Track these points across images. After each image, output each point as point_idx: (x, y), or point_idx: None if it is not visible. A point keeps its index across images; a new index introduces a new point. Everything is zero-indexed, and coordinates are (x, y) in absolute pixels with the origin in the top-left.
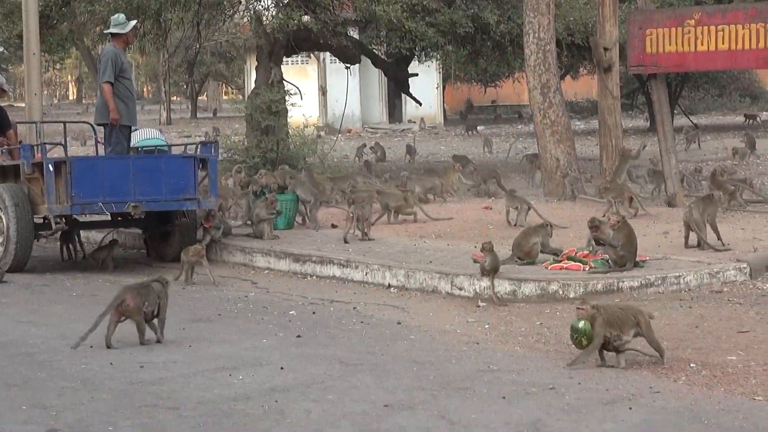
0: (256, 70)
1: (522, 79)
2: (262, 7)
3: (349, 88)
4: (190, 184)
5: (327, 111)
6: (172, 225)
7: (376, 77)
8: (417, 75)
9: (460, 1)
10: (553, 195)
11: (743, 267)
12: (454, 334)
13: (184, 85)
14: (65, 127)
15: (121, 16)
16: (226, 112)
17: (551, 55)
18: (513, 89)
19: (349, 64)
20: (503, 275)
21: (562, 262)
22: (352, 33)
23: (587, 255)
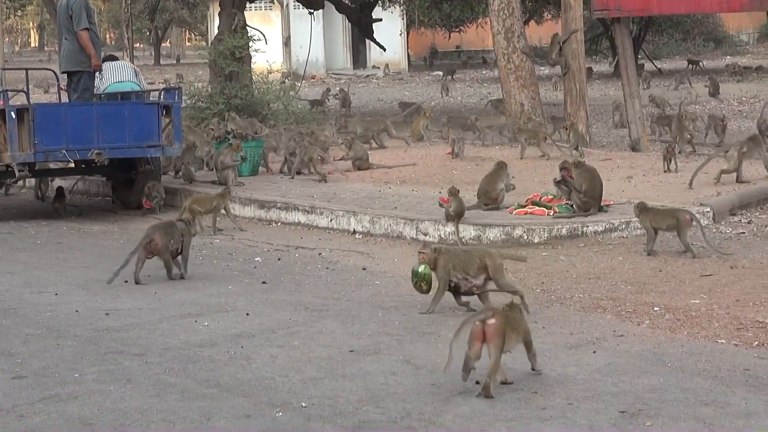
0: (219, 16)
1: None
2: None
3: (312, 34)
4: (154, 131)
5: (291, 57)
6: (136, 172)
7: (340, 23)
8: (381, 20)
9: None
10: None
11: (706, 211)
12: None
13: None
14: (27, 74)
15: None
16: (189, 58)
17: None
18: (477, 34)
19: (312, 10)
20: (468, 220)
21: (527, 207)
22: None
23: (551, 200)
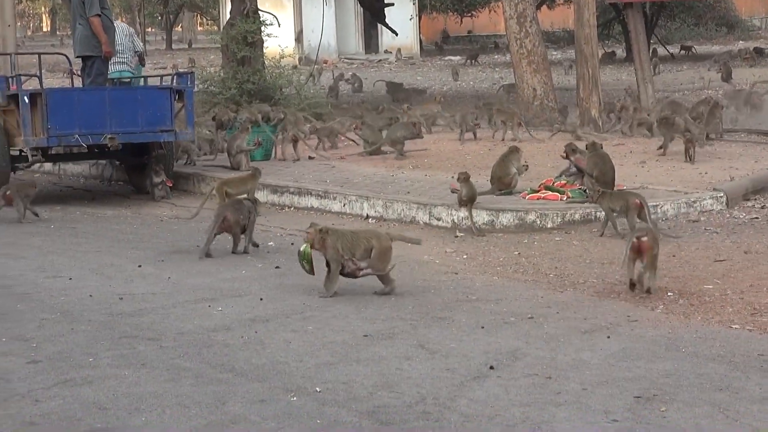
0: (231, 1)
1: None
2: None
3: (324, 19)
4: (167, 115)
5: (303, 42)
6: (149, 157)
7: (352, 7)
8: (393, 5)
9: None
10: (530, 125)
11: (720, 196)
12: (432, 264)
13: (159, 16)
14: (40, 58)
15: None
16: (201, 43)
17: None
18: (489, 19)
19: None
20: (481, 205)
21: (540, 192)
22: None
23: (564, 185)
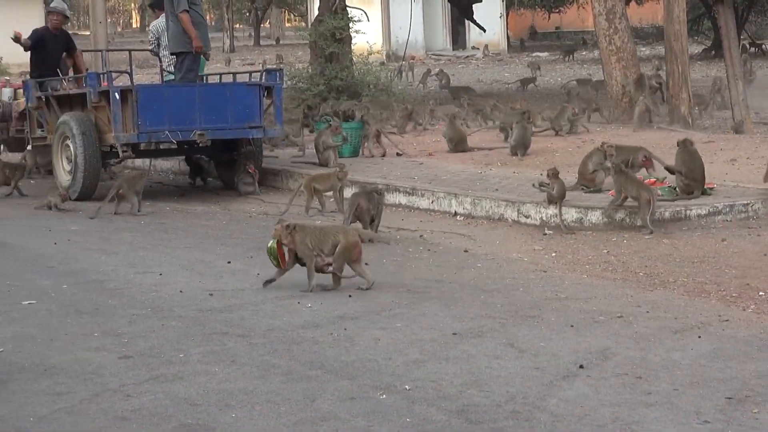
0: None
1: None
2: None
3: (412, 15)
4: (256, 111)
5: (390, 38)
6: (238, 153)
7: (440, 3)
8: (481, 1)
9: None
10: (618, 122)
11: None
12: (521, 262)
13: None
14: (131, 55)
15: None
16: (289, 39)
17: None
18: (577, 15)
19: None
20: (569, 203)
21: None
22: None
23: (654, 182)
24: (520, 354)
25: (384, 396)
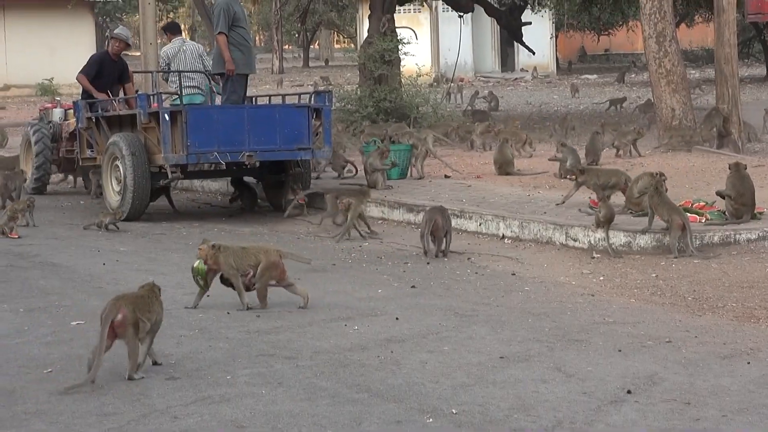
0: (369, 19)
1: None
2: None
3: (462, 36)
4: (304, 133)
5: (439, 60)
6: (286, 174)
7: (489, 25)
8: (530, 23)
9: None
10: (668, 145)
11: None
12: (568, 285)
13: (296, 34)
14: (180, 76)
15: None
16: (338, 61)
17: (667, 3)
18: (627, 37)
19: (462, 13)
20: (618, 227)
21: None
22: None
23: (703, 206)
24: (568, 378)
25: (431, 420)
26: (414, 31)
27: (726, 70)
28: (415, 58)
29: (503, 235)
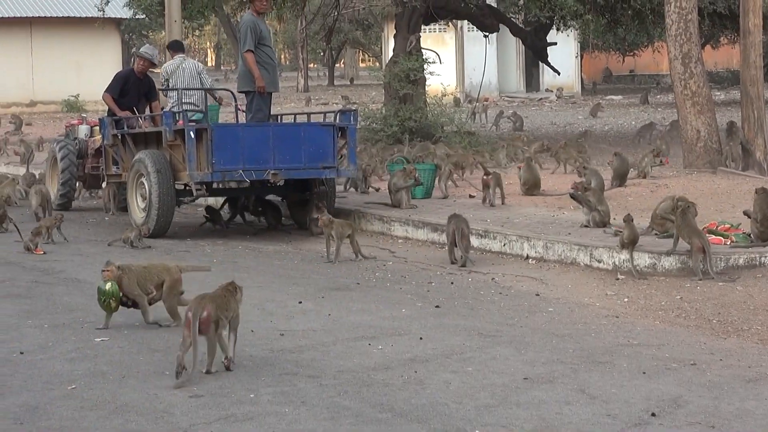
0: (394, 38)
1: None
2: None
3: (486, 57)
4: (329, 152)
5: (464, 79)
6: (311, 193)
7: (514, 45)
8: (556, 44)
9: None
10: (693, 167)
11: None
12: (593, 307)
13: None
14: (205, 94)
15: None
16: (363, 79)
17: (693, 24)
18: (652, 58)
19: (487, 33)
20: (642, 248)
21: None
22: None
23: (729, 229)
24: (592, 400)
25: None
26: (438, 55)
27: (752, 92)
28: (440, 78)
29: (527, 255)
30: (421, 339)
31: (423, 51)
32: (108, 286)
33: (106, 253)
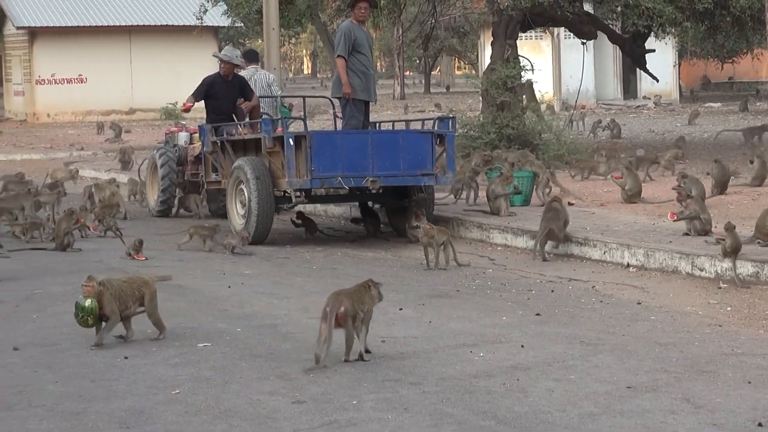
0: (491, 46)
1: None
2: None
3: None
4: (428, 159)
5: (561, 87)
6: (409, 200)
7: (611, 52)
8: (654, 51)
9: None
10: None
11: None
12: (695, 315)
13: (417, 60)
14: (304, 101)
15: None
16: (458, 87)
17: None
18: (751, 65)
19: (585, 40)
20: (745, 257)
21: None
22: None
23: None
24: (697, 410)
25: None
26: (532, 64)
27: None
28: (537, 85)
29: (628, 263)
30: (522, 347)
31: (521, 58)
32: (87, 302)
33: (206, 260)
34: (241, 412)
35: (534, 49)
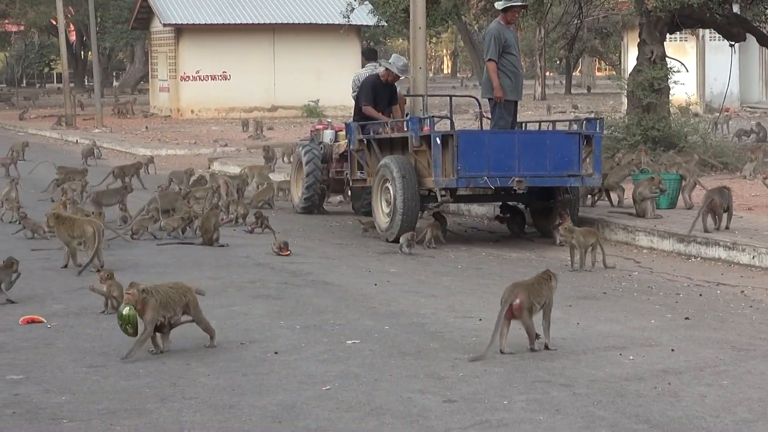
0: (638, 47)
1: None
2: None
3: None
4: (575, 160)
5: (705, 89)
6: (554, 201)
7: (756, 55)
8: None
9: None
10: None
11: None
12: None
13: (558, 61)
14: (451, 100)
15: None
16: (599, 88)
17: None
18: None
19: (733, 42)
20: None
21: None
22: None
23: None
24: None
25: None
26: (683, 64)
27: None
28: (683, 88)
29: None
30: (672, 351)
31: (668, 60)
32: (126, 310)
33: (352, 257)
34: (392, 409)
35: (678, 51)
